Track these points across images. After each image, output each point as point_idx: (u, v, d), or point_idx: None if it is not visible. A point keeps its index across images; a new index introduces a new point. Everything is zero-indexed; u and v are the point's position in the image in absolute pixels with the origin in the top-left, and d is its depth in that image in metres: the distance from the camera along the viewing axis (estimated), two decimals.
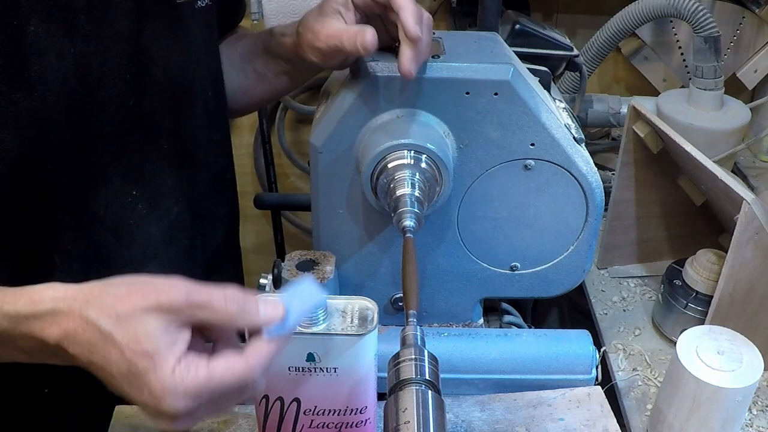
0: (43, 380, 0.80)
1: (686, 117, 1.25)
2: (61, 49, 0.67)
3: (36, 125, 0.67)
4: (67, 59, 0.68)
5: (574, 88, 1.32)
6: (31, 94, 0.66)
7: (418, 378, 0.56)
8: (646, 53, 1.51)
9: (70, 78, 0.68)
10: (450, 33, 0.88)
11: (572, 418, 0.76)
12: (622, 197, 1.06)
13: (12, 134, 0.66)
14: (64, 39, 0.67)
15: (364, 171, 0.75)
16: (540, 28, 1.02)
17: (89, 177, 0.73)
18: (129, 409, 0.76)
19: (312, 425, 0.66)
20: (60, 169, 0.71)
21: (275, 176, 1.77)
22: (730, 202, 0.84)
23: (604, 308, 1.05)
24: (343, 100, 0.76)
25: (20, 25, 0.64)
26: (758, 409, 0.86)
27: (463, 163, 0.79)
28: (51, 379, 0.80)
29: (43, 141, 0.68)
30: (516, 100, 0.76)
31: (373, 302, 0.64)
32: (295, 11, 1.34)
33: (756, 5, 1.37)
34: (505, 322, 0.95)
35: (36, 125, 0.67)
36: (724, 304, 0.85)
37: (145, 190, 0.78)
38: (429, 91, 0.75)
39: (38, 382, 0.80)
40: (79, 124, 0.71)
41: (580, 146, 0.80)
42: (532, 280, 0.87)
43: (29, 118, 0.66)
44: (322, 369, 0.62)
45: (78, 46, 0.69)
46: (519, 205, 0.82)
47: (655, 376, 0.91)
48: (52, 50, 0.66)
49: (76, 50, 0.68)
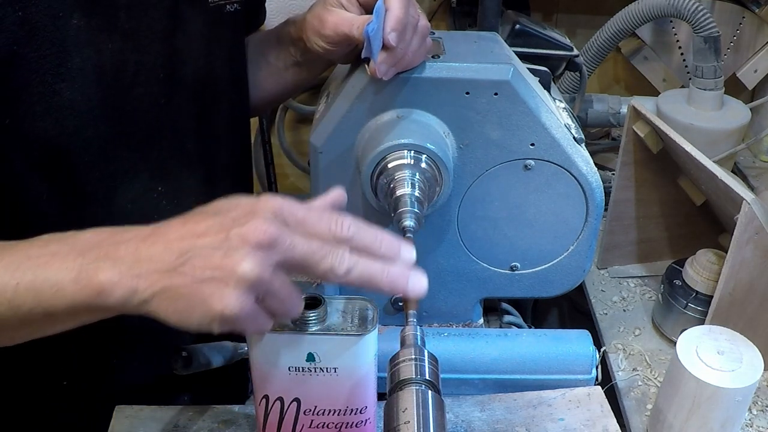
0: (43, 380, 0.80)
1: (686, 117, 1.25)
2: (99, 44, 0.68)
3: (76, 117, 0.68)
4: (105, 54, 0.69)
5: (574, 88, 1.32)
6: (73, 85, 0.67)
7: (418, 378, 0.56)
8: (646, 53, 1.51)
9: (106, 73, 0.69)
10: (450, 33, 0.88)
11: (572, 418, 0.76)
12: (622, 197, 1.06)
13: (54, 124, 0.67)
14: (103, 34, 0.68)
15: (364, 171, 0.75)
16: (540, 28, 1.02)
17: (120, 171, 0.74)
18: (129, 409, 0.76)
19: (312, 425, 0.66)
20: (94, 161, 0.72)
21: (275, 176, 1.77)
22: (730, 202, 0.84)
23: (604, 308, 1.05)
24: (343, 100, 0.76)
25: (64, 17, 0.65)
26: (758, 409, 0.86)
27: (463, 163, 0.79)
28: (51, 379, 0.80)
29: (81, 133, 0.69)
30: (516, 100, 0.76)
31: (373, 302, 0.64)
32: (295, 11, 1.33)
33: (756, 5, 1.37)
34: (505, 322, 0.95)
35: (76, 117, 0.68)
36: (724, 304, 0.85)
37: (170, 187, 0.79)
38: (429, 91, 0.75)
39: (38, 382, 0.80)
40: (113, 119, 0.72)
41: (580, 146, 0.80)
42: (532, 280, 0.87)
43: (70, 108, 0.67)
44: (322, 369, 0.62)
45: (116, 43, 0.70)
46: (519, 205, 0.82)
47: (655, 376, 0.91)
48: (91, 44, 0.68)
49: (114, 46, 0.69)
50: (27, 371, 0.79)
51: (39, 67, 0.64)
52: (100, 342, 0.81)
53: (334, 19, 0.75)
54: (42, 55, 0.64)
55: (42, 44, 0.64)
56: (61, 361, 0.80)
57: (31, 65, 0.64)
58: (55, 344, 0.77)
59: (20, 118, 0.65)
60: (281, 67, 0.92)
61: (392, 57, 0.71)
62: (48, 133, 0.67)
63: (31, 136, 0.66)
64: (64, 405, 0.82)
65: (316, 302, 0.61)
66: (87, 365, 0.82)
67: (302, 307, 0.57)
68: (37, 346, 0.77)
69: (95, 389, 0.83)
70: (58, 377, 0.81)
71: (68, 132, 0.68)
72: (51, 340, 0.75)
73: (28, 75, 0.64)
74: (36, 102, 0.65)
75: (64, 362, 0.80)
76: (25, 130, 0.66)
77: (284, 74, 0.93)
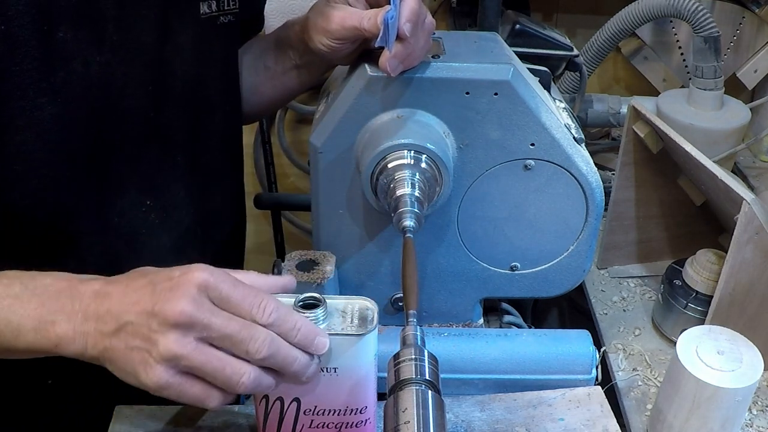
0: (43, 380, 0.80)
1: (686, 117, 1.25)
2: (86, 56, 0.68)
3: (58, 131, 0.68)
4: (93, 67, 0.68)
5: (574, 88, 1.32)
6: (55, 99, 0.66)
7: (418, 378, 0.56)
8: (646, 53, 1.51)
9: (93, 86, 0.69)
10: (450, 33, 0.88)
11: (572, 418, 0.76)
12: (622, 197, 1.06)
13: (35, 137, 0.66)
14: (91, 47, 0.68)
15: (364, 171, 0.75)
16: (540, 28, 1.02)
17: (106, 185, 0.74)
18: (129, 409, 0.76)
19: (312, 425, 0.66)
20: (80, 175, 0.71)
21: (275, 176, 1.77)
22: (730, 202, 0.84)
23: (604, 308, 1.05)
24: (343, 100, 0.76)
25: (50, 31, 0.64)
26: (758, 409, 0.86)
27: (463, 163, 0.79)
28: (50, 379, 0.80)
29: (65, 146, 0.69)
30: (516, 100, 0.76)
31: (373, 302, 0.64)
32: (295, 11, 1.33)
33: (756, 5, 1.37)
34: (505, 322, 0.95)
35: (58, 131, 0.68)
36: (724, 304, 0.85)
37: (158, 200, 0.79)
38: (429, 91, 0.75)
39: (38, 382, 0.80)
40: (100, 133, 0.71)
41: (580, 146, 0.80)
42: (532, 280, 0.87)
43: (52, 122, 0.67)
44: (321, 369, 0.62)
45: (104, 55, 0.69)
46: (519, 205, 0.82)
47: (655, 376, 0.91)
48: (78, 57, 0.67)
49: (102, 59, 0.69)
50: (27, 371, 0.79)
51: (20, 81, 0.64)
52: None
53: (341, 14, 0.75)
54: (24, 70, 0.64)
55: (24, 59, 0.63)
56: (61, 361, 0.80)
57: (12, 79, 0.63)
58: None
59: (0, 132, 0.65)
60: (280, 71, 0.92)
61: (404, 50, 0.70)
62: (29, 147, 0.66)
63: (11, 149, 0.66)
64: (64, 405, 0.82)
65: (316, 302, 0.62)
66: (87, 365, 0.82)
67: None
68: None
69: (95, 389, 0.83)
70: (59, 377, 0.81)
71: (50, 146, 0.68)
72: None
73: (9, 90, 0.64)
74: (17, 116, 0.65)
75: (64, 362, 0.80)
76: (5, 144, 0.65)
77: (283, 78, 0.92)
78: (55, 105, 0.66)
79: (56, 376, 0.80)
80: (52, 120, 0.67)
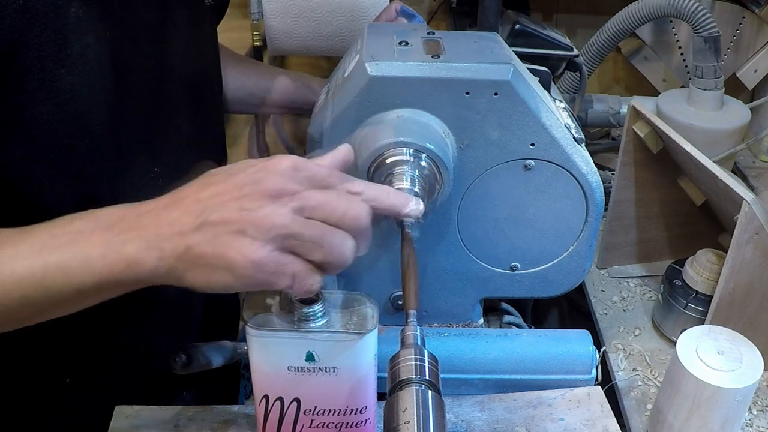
0: (43, 380, 0.80)
1: (686, 117, 1.25)
2: (98, 32, 0.70)
3: (76, 102, 0.69)
4: (103, 42, 0.71)
5: (574, 88, 1.32)
6: (73, 71, 0.68)
7: (418, 378, 0.56)
8: (646, 53, 1.51)
9: (104, 60, 0.71)
10: (450, 33, 0.88)
11: (572, 418, 0.76)
12: (622, 197, 1.06)
13: (55, 108, 0.67)
14: (101, 23, 0.70)
15: (360, 165, 0.74)
16: (540, 28, 1.02)
17: (119, 154, 0.76)
18: (129, 409, 0.76)
19: (312, 425, 0.66)
20: (95, 145, 0.73)
21: None
22: (730, 202, 0.84)
23: (604, 308, 1.05)
24: (344, 98, 0.76)
25: (63, 6, 0.66)
26: (758, 409, 0.86)
27: (463, 163, 0.79)
28: (50, 380, 0.80)
29: (81, 117, 0.70)
30: (516, 100, 0.76)
31: (373, 301, 0.64)
32: (295, 11, 1.33)
33: (756, 5, 1.37)
34: (505, 322, 0.95)
35: (76, 102, 0.69)
36: (724, 304, 0.85)
37: (165, 167, 0.81)
38: (429, 91, 0.75)
39: (38, 381, 0.80)
40: (112, 104, 0.73)
41: (580, 146, 0.80)
42: (532, 280, 0.87)
43: (71, 93, 0.68)
44: (321, 369, 0.62)
45: (112, 31, 0.71)
46: (519, 205, 0.82)
47: (655, 376, 0.91)
48: (91, 32, 0.69)
49: (111, 34, 0.71)
50: (27, 371, 0.79)
51: (40, 53, 0.65)
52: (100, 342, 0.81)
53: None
54: (43, 42, 0.65)
55: (43, 31, 0.65)
56: (62, 361, 0.80)
57: (32, 52, 0.64)
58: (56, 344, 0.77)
59: (22, 105, 0.65)
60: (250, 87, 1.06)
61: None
62: (49, 118, 0.67)
63: (32, 122, 0.67)
64: (65, 404, 0.82)
65: (315, 297, 0.61)
66: (87, 365, 0.82)
67: (319, 287, 0.57)
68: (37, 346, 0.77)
69: (95, 389, 0.83)
70: (59, 376, 0.81)
71: (69, 117, 0.69)
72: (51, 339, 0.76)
73: (29, 62, 0.65)
74: (37, 88, 0.66)
75: (65, 361, 0.80)
76: (27, 117, 0.66)
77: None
78: (72, 77, 0.68)
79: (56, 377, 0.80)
80: (71, 90, 0.68)
